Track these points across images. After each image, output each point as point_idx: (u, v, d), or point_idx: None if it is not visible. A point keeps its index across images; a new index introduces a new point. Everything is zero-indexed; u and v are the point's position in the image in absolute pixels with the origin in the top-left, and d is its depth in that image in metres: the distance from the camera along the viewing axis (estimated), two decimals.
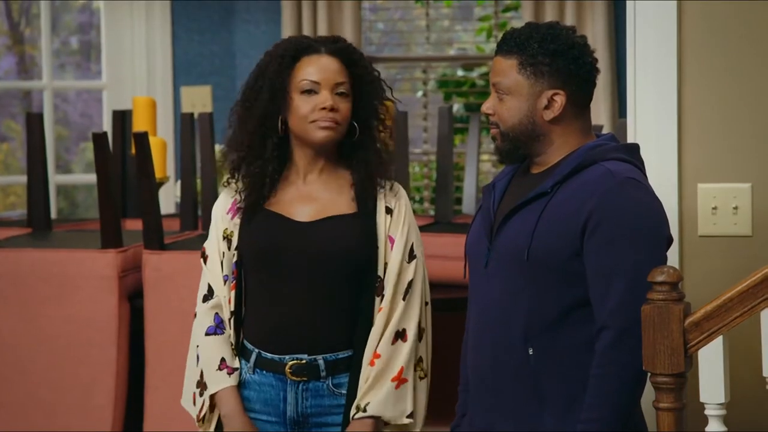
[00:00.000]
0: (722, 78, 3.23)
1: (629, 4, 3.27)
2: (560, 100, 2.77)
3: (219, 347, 3.02)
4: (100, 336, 4.34)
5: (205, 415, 3.03)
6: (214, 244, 3.07)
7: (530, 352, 2.73)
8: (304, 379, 2.98)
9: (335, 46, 3.02)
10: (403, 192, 3.08)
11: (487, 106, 2.84)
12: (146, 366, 4.32)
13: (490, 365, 2.79)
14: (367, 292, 3.00)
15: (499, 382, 2.78)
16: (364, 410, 2.96)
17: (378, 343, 2.97)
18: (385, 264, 3.00)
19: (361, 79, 3.03)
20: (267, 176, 3.01)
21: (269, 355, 2.99)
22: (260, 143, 3.02)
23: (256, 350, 3.01)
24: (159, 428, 4.26)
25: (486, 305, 2.81)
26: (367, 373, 2.97)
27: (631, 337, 2.63)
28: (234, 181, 3.07)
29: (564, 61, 2.77)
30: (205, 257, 3.09)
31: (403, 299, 2.99)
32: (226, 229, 3.06)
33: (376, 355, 2.97)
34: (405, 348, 2.98)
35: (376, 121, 3.06)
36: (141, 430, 4.37)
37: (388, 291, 2.99)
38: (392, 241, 3.01)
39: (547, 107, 2.78)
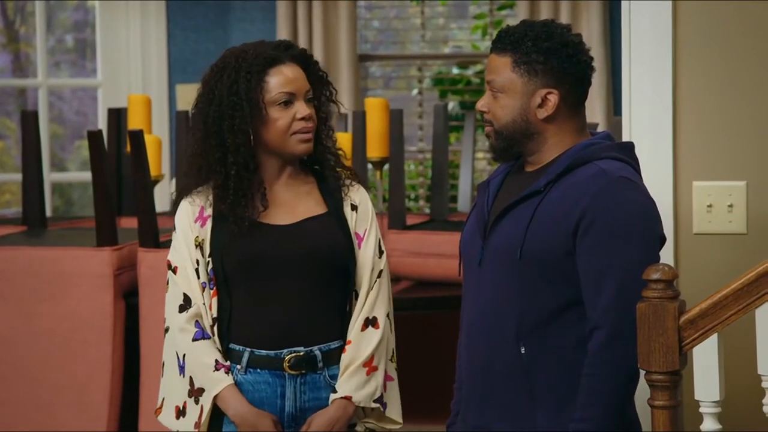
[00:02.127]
0: (717, 76, 3.23)
1: (624, 3, 3.27)
2: (554, 98, 2.77)
3: (210, 351, 3.00)
4: (95, 334, 4.34)
5: (206, 419, 2.99)
6: (183, 254, 3.03)
7: (522, 350, 2.73)
8: (302, 372, 2.99)
9: (295, 53, 3.03)
10: (363, 189, 3.12)
11: (482, 104, 2.84)
12: (141, 363, 4.32)
13: (483, 364, 2.79)
14: (350, 285, 3.05)
15: (492, 380, 2.78)
16: (335, 391, 3.00)
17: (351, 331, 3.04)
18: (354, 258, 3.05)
19: (317, 82, 3.05)
20: (241, 188, 2.98)
21: (264, 352, 3.00)
22: (225, 158, 2.98)
23: (248, 349, 3.00)
24: (154, 426, 4.24)
25: (479, 303, 2.81)
26: (343, 360, 3.02)
27: (623, 336, 2.63)
28: (198, 192, 3.04)
29: (557, 59, 2.76)
30: (174, 268, 3.04)
31: (372, 289, 3.05)
32: (197, 237, 3.03)
33: (348, 342, 3.02)
34: (375, 335, 3.02)
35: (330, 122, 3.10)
36: (136, 427, 4.36)
37: (363, 283, 3.04)
38: (359, 237, 3.06)
39: (540, 106, 2.78)
